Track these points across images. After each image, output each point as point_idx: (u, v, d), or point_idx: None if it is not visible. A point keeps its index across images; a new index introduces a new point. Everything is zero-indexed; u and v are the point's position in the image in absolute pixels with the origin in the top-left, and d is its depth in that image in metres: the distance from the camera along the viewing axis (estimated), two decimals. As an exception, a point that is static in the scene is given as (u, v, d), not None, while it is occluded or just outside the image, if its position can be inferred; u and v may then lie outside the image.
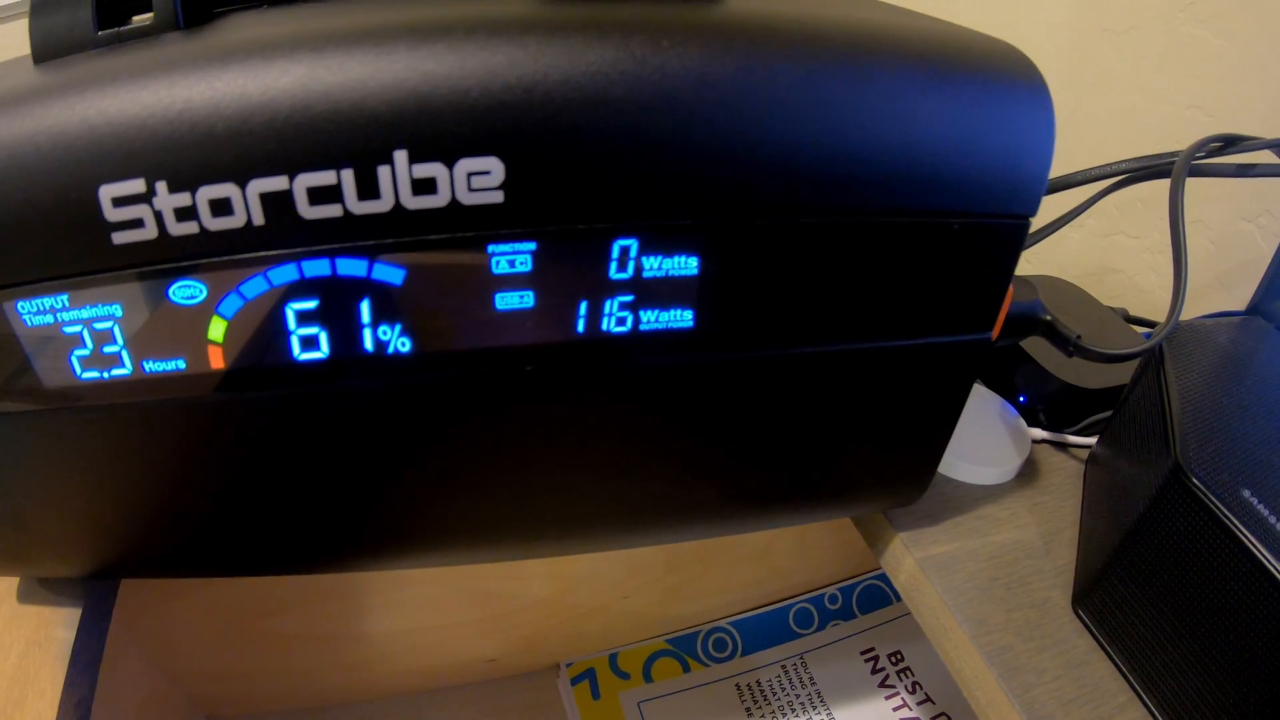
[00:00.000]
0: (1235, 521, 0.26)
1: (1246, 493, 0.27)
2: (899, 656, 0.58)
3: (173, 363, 0.22)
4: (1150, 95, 0.58)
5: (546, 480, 0.27)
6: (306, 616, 0.50)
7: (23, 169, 0.20)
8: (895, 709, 0.55)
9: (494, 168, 0.18)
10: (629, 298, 0.22)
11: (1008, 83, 0.22)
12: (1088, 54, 0.62)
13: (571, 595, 0.54)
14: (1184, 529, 0.27)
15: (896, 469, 0.31)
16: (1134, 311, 0.50)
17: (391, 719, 0.56)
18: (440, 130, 0.18)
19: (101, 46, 0.23)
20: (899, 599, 0.61)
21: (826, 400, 0.27)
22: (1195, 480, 0.27)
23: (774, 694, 0.57)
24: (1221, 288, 0.53)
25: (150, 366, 0.22)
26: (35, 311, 0.22)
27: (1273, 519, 0.26)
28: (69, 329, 0.22)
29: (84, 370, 0.23)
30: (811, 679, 0.57)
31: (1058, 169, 0.60)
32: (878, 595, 0.61)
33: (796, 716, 0.55)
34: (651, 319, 0.23)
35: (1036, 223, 0.39)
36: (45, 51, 0.23)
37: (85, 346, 0.22)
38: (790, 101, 0.20)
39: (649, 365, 0.24)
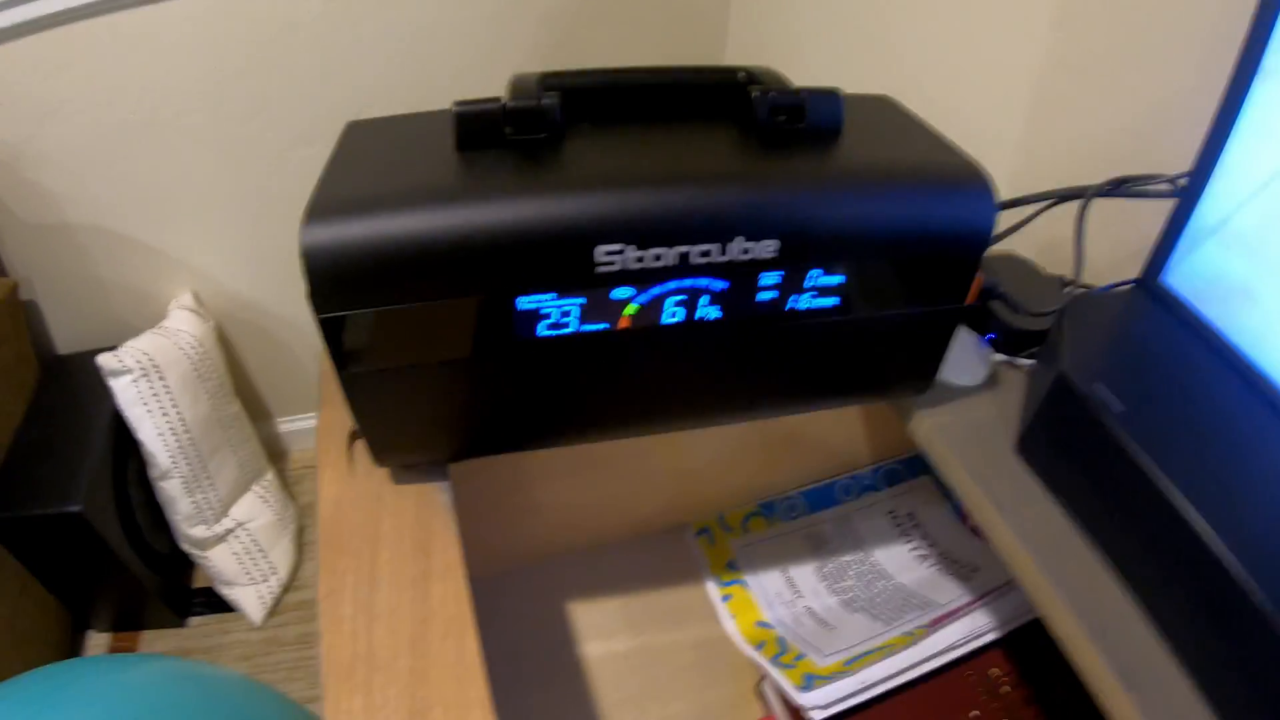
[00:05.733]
0: (1089, 396, 0.47)
1: (1099, 385, 0.48)
2: (912, 515, 0.83)
3: (601, 324, 0.44)
4: (1096, 120, 0.79)
5: (742, 372, 0.50)
6: (535, 491, 0.73)
7: (539, 229, 0.39)
8: (913, 550, 0.80)
9: (774, 243, 0.42)
10: (814, 293, 0.46)
11: (971, 191, 0.46)
12: (1053, 86, 0.83)
13: (701, 470, 0.78)
14: (1063, 404, 0.50)
15: (915, 372, 0.54)
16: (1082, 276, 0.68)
17: (578, 567, 0.79)
18: (746, 229, 0.42)
19: (506, 147, 0.43)
20: (911, 478, 0.86)
21: (882, 336, 0.50)
22: (1070, 377, 0.49)
23: (830, 541, 0.81)
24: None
25: (586, 327, 0.44)
26: (527, 302, 0.42)
27: (1111, 398, 0.47)
28: (544, 310, 0.42)
29: (542, 331, 0.43)
30: (855, 530, 0.82)
31: (1027, 173, 0.84)
32: (896, 474, 0.86)
33: (845, 555, 0.80)
34: (815, 302, 0.46)
35: (1003, 224, 0.62)
36: (468, 143, 0.43)
37: (551, 318, 0.44)
38: (868, 208, 0.44)
39: (805, 324, 0.47)
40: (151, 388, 1.19)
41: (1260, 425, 0.48)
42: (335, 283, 0.41)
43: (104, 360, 1.16)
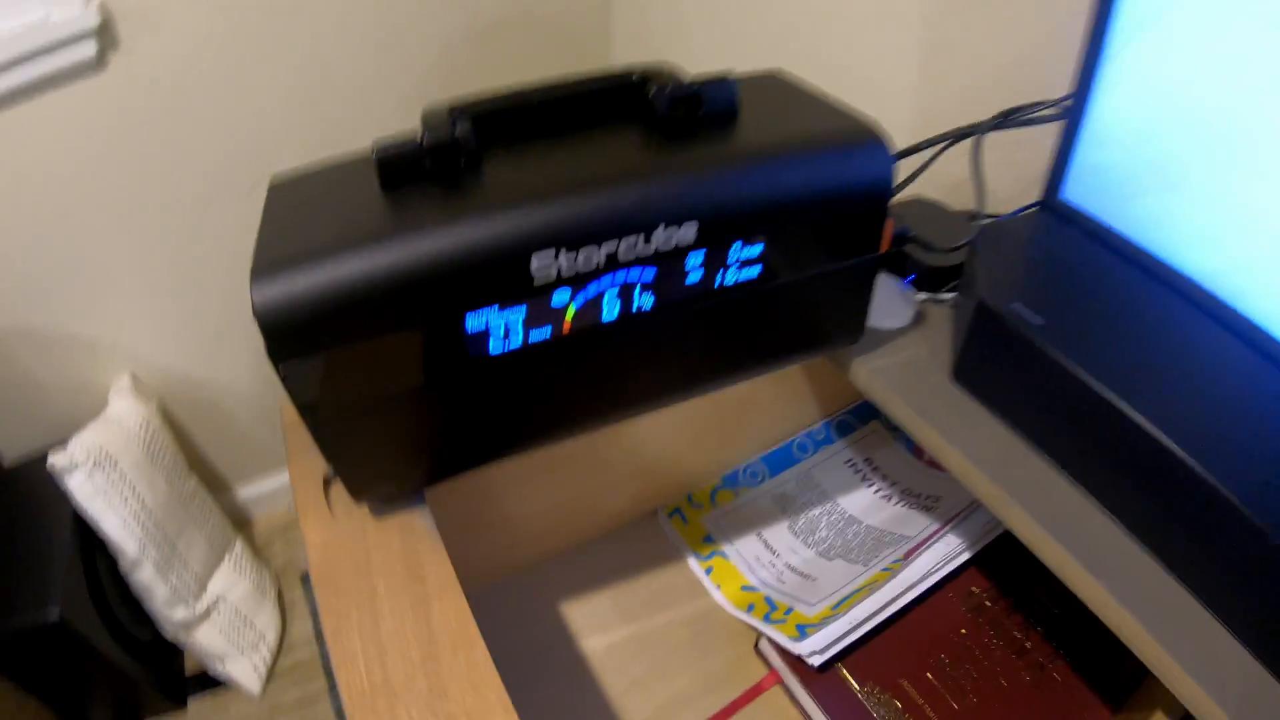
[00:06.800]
0: (1008, 316, 0.51)
1: (1016, 304, 0.51)
2: (870, 460, 0.87)
3: (544, 330, 0.46)
4: (985, 57, 0.82)
5: (683, 353, 0.53)
6: (509, 500, 0.74)
7: (475, 250, 0.41)
8: (876, 492, 0.84)
9: (692, 228, 0.45)
10: (738, 265, 0.49)
11: (867, 148, 0.49)
12: (939, 31, 0.86)
13: (661, 455, 0.81)
14: (986, 327, 0.54)
15: (846, 324, 0.58)
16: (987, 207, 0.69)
17: (561, 568, 0.81)
18: (665, 216, 0.44)
19: (428, 180, 0.44)
20: (861, 425, 0.90)
21: (808, 296, 0.53)
22: (988, 302, 0.53)
23: (796, 498, 0.85)
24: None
25: (532, 336, 0.47)
26: (475, 320, 0.43)
27: (1028, 314, 0.50)
28: (493, 324, 0.44)
29: (494, 348, 0.45)
30: (818, 484, 0.85)
31: (927, 119, 0.86)
32: (847, 424, 0.90)
33: (814, 509, 0.83)
34: (740, 275, 0.49)
35: (906, 170, 0.66)
36: (392, 183, 0.45)
37: (499, 333, 0.47)
38: (773, 179, 0.47)
39: (734, 297, 0.50)
40: (107, 478, 1.18)
41: (1169, 311, 0.52)
42: (290, 334, 0.42)
43: (55, 459, 1.14)
